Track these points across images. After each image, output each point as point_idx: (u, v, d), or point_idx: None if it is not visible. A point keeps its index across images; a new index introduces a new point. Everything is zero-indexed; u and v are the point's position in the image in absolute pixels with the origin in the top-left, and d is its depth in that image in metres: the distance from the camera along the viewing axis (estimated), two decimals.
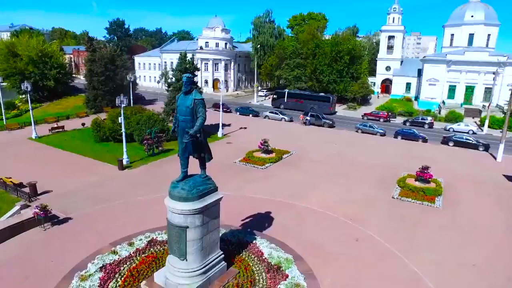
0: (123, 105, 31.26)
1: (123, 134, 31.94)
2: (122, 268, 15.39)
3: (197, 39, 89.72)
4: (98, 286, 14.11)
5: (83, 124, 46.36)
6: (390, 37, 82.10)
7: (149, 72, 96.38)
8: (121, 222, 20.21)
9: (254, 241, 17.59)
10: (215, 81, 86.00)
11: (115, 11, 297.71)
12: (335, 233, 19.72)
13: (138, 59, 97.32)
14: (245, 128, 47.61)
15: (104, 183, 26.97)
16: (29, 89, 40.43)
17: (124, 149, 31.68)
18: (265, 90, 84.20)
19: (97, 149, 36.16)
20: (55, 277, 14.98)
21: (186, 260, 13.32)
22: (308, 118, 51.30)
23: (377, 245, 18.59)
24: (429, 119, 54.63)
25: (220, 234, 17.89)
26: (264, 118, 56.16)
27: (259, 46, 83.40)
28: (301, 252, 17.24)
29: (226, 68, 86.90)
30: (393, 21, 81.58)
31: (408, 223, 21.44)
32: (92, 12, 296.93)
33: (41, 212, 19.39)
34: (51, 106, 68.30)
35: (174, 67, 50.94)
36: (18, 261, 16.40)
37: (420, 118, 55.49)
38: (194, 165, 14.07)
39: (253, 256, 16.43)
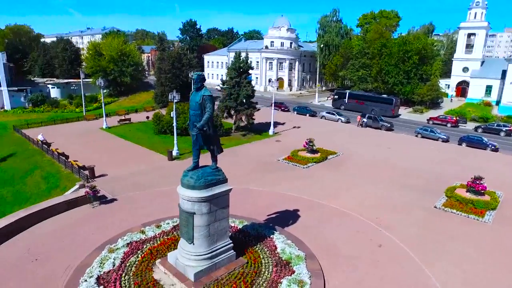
0: (175, 100, 33.58)
1: (174, 127, 34.37)
2: (145, 246, 16.96)
3: (263, 39, 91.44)
4: (121, 259, 15.78)
5: (147, 118, 50.55)
6: (470, 35, 75.02)
7: (217, 70, 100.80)
8: (156, 206, 22.05)
9: (271, 236, 17.98)
10: (279, 80, 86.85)
11: (194, 12, 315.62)
12: (358, 236, 19.21)
13: (207, 58, 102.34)
14: (299, 127, 47.65)
15: (152, 171, 29.41)
16: (102, 85, 45.52)
17: (175, 141, 34.07)
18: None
19: (154, 141, 39.30)
20: (91, 247, 17.03)
21: (193, 244, 14.30)
22: (365, 120, 49.52)
23: (399, 254, 17.72)
24: (509, 126, 48.97)
25: (241, 226, 18.80)
26: (321, 118, 55.53)
27: (323, 45, 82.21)
28: (316, 251, 17.19)
29: (291, 68, 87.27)
30: (475, 17, 74.36)
31: (444, 235, 19.94)
32: (174, 14, 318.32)
33: (91, 192, 22.07)
34: (126, 101, 75.36)
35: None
36: (66, 230, 18.96)
37: (495, 124, 50.10)
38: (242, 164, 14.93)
39: (266, 249, 16.86)
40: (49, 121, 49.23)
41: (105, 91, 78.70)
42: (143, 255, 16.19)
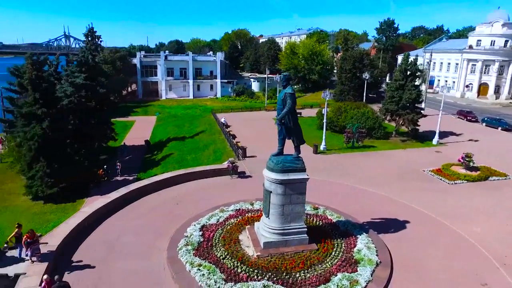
0: (327, 98, 35.56)
1: (324, 123, 36.43)
2: (247, 214, 20.42)
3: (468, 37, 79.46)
4: (225, 218, 19.81)
5: (319, 113, 53.95)
6: None
7: None
8: None
9: (357, 235, 18.22)
10: (482, 86, 74.12)
11: (412, 8, 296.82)
12: (461, 267, 16.80)
13: (401, 59, 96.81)
14: (476, 141, 40.87)
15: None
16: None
17: (323, 136, 36.20)
18: None
19: (312, 134, 42.15)
20: (211, 205, 21.73)
21: (269, 218, 16.73)
22: None
23: None
24: None
25: (335, 220, 19.86)
26: None
27: None
28: (396, 264, 16.47)
29: (501, 71, 72.83)
30: None
31: None
32: (388, 12, 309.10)
33: (231, 166, 27.29)
34: (311, 96, 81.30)
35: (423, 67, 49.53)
36: (203, 190, 24.58)
37: None
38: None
39: (343, 245, 17.44)
40: (237, 108, 59.89)
41: (295, 86, 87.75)
42: (241, 219, 19.73)
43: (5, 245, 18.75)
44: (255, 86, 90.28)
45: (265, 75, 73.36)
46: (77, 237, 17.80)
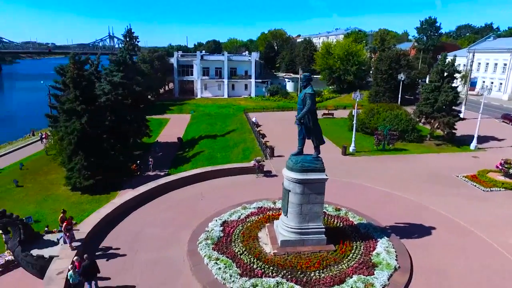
0: (357, 99, 34.97)
1: (354, 125, 35.89)
2: (268, 212, 20.71)
3: None
4: (246, 215, 20.22)
5: (350, 115, 53.12)
6: None
7: None
8: None
9: (378, 239, 17.95)
10: None
11: (459, 5, 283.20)
12: (491, 283, 15.96)
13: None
14: None
15: (323, 159, 32.19)
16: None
17: (353, 138, 35.66)
18: None
19: (343, 136, 41.75)
20: (234, 202, 22.23)
21: (287, 216, 16.92)
22: None
23: None
24: None
25: (357, 222, 19.69)
26: None
27: None
28: (417, 271, 16.05)
29: None
30: None
31: None
32: (434, 10, 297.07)
33: (257, 165, 27.67)
34: (346, 97, 79.82)
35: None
36: (228, 187, 25.15)
37: None
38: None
39: (362, 247, 17.26)
40: (269, 108, 60.21)
41: (330, 87, 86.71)
42: (262, 217, 20.05)
43: (46, 229, 20.38)
44: (289, 86, 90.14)
45: (299, 75, 72.87)
46: (106, 226, 18.93)
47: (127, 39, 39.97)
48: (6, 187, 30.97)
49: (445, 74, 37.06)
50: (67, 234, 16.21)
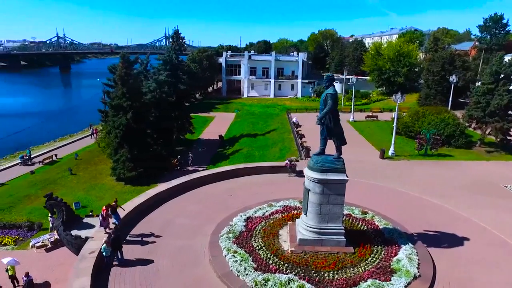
0: (398, 102, 33.72)
1: (394, 128, 34.66)
2: (293, 211, 20.89)
3: None
4: (271, 213, 20.62)
5: (392, 118, 51.19)
6: None
7: None
8: None
9: (401, 245, 17.44)
10: None
11: None
12: None
13: (507, 58, 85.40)
14: None
15: (356, 163, 31.20)
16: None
17: (392, 142, 34.48)
18: None
19: (384, 139, 40.39)
20: (263, 199, 22.71)
21: (306, 215, 17.08)
22: None
23: None
24: None
25: (382, 226, 19.34)
26: None
27: None
28: (440, 281, 15.42)
29: None
30: None
31: None
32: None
33: (289, 164, 27.91)
34: None
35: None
36: (258, 185, 25.66)
37: None
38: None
39: (383, 252, 16.90)
40: (313, 108, 59.79)
41: (379, 89, 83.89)
42: (286, 215, 20.31)
43: (90, 213, 22.40)
44: (336, 87, 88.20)
45: (345, 76, 71.43)
46: (139, 214, 20.37)
47: (174, 40, 42.08)
48: (62, 174, 34.18)
49: (501, 75, 34.43)
50: (105, 220, 17.89)
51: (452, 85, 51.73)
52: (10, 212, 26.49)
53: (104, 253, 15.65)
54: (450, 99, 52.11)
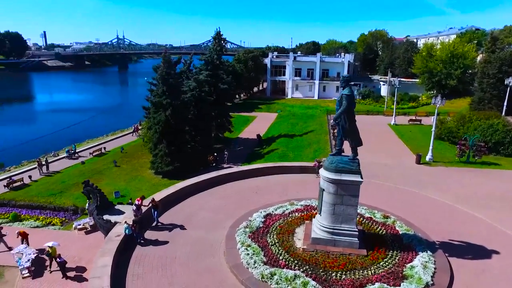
0: (438, 105, 32.28)
1: (432, 132, 33.16)
2: (313, 211, 21.09)
3: None
4: (290, 211, 20.97)
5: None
6: None
7: None
8: None
9: (419, 252, 16.99)
10: None
11: None
12: None
13: None
14: None
15: (390, 167, 30.98)
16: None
17: (430, 147, 33.04)
18: None
19: (424, 144, 38.68)
20: (285, 198, 23.17)
21: (320, 215, 17.29)
22: None
23: None
24: None
25: (402, 231, 19.00)
26: None
27: None
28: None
29: None
30: None
31: None
32: None
33: (318, 164, 27.95)
34: (446, 104, 72.42)
35: None
36: (283, 184, 26.05)
37: None
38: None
39: (397, 257, 16.61)
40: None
41: (429, 92, 79.84)
42: (305, 214, 20.57)
43: (129, 201, 24.30)
44: (383, 90, 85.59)
45: (391, 78, 68.98)
46: (166, 205, 21.72)
47: (216, 41, 43.63)
48: (108, 166, 37.02)
49: None
50: (139, 210, 19.53)
51: (508, 89, 48.01)
52: (61, 197, 29.37)
53: (126, 232, 17.52)
54: (505, 103, 48.45)
